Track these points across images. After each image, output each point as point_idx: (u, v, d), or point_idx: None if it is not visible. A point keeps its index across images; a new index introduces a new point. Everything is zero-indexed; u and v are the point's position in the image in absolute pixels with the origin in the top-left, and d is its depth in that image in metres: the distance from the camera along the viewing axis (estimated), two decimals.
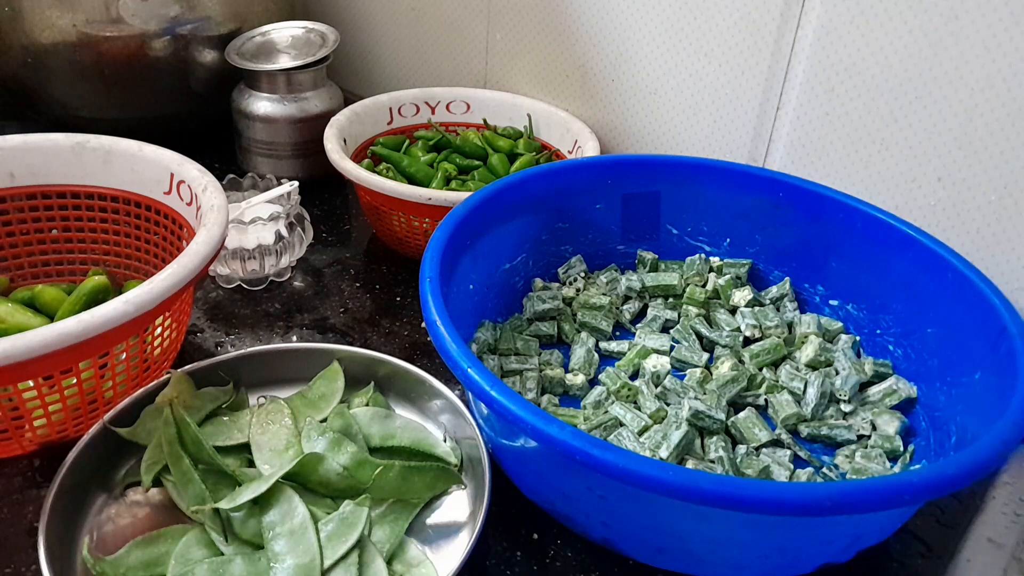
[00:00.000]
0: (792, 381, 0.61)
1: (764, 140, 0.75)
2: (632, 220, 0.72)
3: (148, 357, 0.57)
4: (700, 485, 0.39)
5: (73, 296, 0.62)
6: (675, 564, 0.48)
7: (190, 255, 0.53)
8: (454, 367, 0.47)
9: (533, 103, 0.88)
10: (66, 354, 0.47)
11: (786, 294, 0.68)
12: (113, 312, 0.48)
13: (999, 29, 0.59)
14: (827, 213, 0.65)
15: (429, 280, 0.52)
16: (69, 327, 0.46)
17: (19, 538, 0.50)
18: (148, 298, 0.49)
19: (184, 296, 0.58)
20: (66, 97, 0.87)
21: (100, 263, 0.69)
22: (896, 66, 0.64)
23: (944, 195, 0.65)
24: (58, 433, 0.54)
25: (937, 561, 0.51)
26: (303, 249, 0.74)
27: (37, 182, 0.66)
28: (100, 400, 0.54)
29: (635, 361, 0.63)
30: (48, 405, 0.52)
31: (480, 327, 0.64)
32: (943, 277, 0.58)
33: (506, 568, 0.50)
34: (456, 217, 0.59)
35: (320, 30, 0.90)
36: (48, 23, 0.82)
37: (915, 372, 0.60)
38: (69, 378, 0.51)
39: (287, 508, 0.48)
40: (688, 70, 0.77)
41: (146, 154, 0.65)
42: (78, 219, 0.68)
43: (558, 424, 0.42)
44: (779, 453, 0.56)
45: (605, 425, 0.57)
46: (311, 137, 0.87)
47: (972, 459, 0.42)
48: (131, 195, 0.66)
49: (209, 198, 0.60)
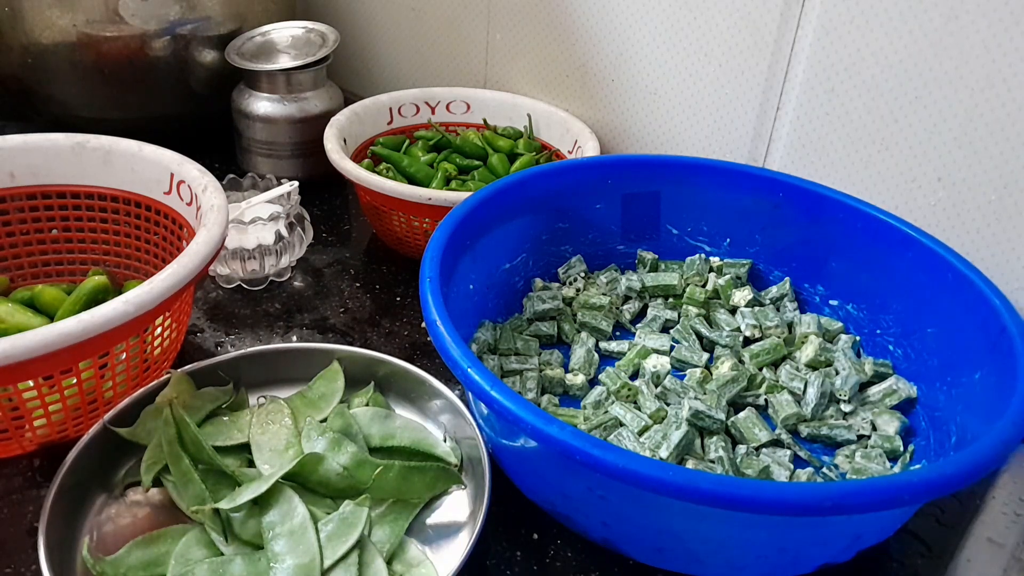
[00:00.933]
0: (792, 381, 0.61)
1: (764, 140, 0.75)
2: (632, 220, 0.72)
3: (148, 357, 0.57)
4: (700, 485, 0.39)
5: (73, 296, 0.62)
6: (675, 564, 0.48)
7: (190, 255, 0.53)
8: (454, 367, 0.47)
9: (533, 103, 0.88)
10: (66, 354, 0.47)
11: (786, 294, 0.68)
12: (113, 312, 0.48)
13: (999, 29, 0.59)
14: (827, 213, 0.65)
15: (429, 280, 0.52)
16: (69, 327, 0.46)
17: (19, 538, 0.50)
18: (148, 298, 0.49)
19: (184, 296, 0.58)
20: (66, 97, 0.87)
21: (100, 263, 0.69)
22: (896, 66, 0.64)
23: (944, 195, 0.65)
24: (58, 433, 0.54)
25: (937, 561, 0.51)
26: (303, 249, 0.74)
27: (37, 182, 0.65)
28: (100, 400, 0.54)
29: (635, 361, 0.63)
30: (48, 405, 0.52)
31: (480, 327, 0.64)
32: (943, 277, 0.58)
33: (506, 568, 0.50)
34: (456, 217, 0.59)
35: (320, 30, 0.90)
36: (48, 23, 0.82)
37: (915, 372, 0.60)
38: (69, 378, 0.51)
39: (287, 508, 0.48)
40: (688, 70, 0.77)
41: (146, 154, 0.65)
42: (78, 219, 0.68)
43: (558, 424, 0.42)
44: (779, 453, 0.56)
45: (605, 425, 0.57)
46: (311, 137, 0.87)
47: (972, 459, 0.42)
48: (131, 195, 0.66)
49: (209, 198, 0.59)
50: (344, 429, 0.54)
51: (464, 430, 0.54)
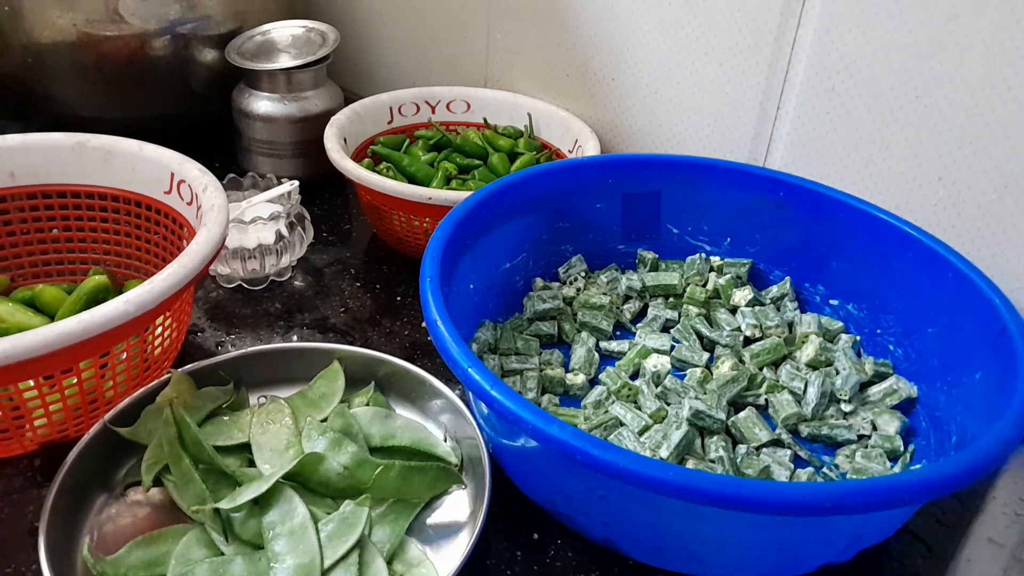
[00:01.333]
0: (792, 381, 0.61)
1: (764, 140, 0.75)
2: (632, 220, 0.72)
3: (148, 357, 0.57)
4: (701, 485, 0.39)
5: (73, 296, 0.62)
6: (675, 564, 0.48)
7: (190, 255, 0.53)
8: (454, 367, 0.47)
9: (533, 102, 0.88)
10: (66, 354, 0.47)
11: (786, 294, 0.68)
12: (114, 312, 0.48)
13: (999, 29, 0.58)
14: (828, 213, 0.65)
15: (429, 280, 0.52)
16: (70, 327, 0.46)
17: (20, 538, 0.50)
18: (149, 298, 0.49)
19: (185, 296, 0.58)
20: (66, 96, 0.87)
21: (101, 263, 0.69)
22: (896, 66, 0.64)
23: (944, 195, 0.65)
24: (59, 433, 0.54)
25: (937, 561, 0.51)
26: (303, 249, 0.74)
27: (38, 181, 0.65)
28: (101, 400, 0.54)
29: (635, 361, 0.63)
30: (49, 405, 0.52)
31: (480, 327, 0.64)
32: (943, 277, 0.58)
33: (506, 568, 0.50)
34: (456, 217, 0.59)
35: (320, 29, 0.90)
36: (48, 23, 0.82)
37: (915, 372, 0.60)
38: (70, 378, 0.51)
39: (287, 508, 0.48)
40: (688, 70, 0.77)
41: (146, 154, 0.65)
42: (79, 219, 0.68)
43: (559, 424, 0.42)
44: (779, 453, 0.56)
45: (605, 425, 0.57)
46: (311, 136, 0.86)
47: (973, 459, 0.42)
48: (131, 195, 0.66)
49: (209, 198, 0.59)
50: (344, 429, 0.54)
51: (464, 430, 0.54)
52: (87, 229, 0.68)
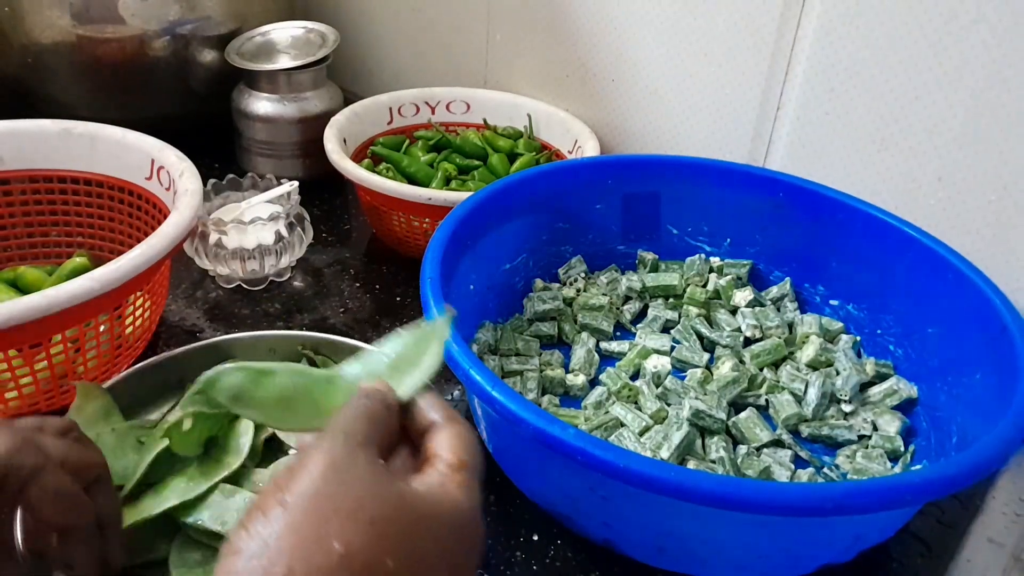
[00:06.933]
0: (793, 381, 0.61)
1: (764, 140, 0.75)
2: (632, 220, 0.72)
3: (120, 335, 0.58)
4: (701, 485, 0.39)
5: (53, 277, 0.64)
6: (676, 564, 0.48)
7: (159, 236, 0.54)
8: (455, 367, 0.47)
9: (533, 103, 0.88)
10: (34, 327, 0.49)
11: (787, 294, 0.68)
12: (79, 288, 0.49)
13: (999, 29, 0.59)
14: (828, 213, 0.65)
15: (430, 280, 0.52)
16: (35, 301, 0.48)
17: None
18: (114, 276, 0.51)
19: (157, 278, 0.59)
20: (66, 97, 0.87)
21: (85, 246, 0.70)
22: (896, 66, 0.64)
23: (944, 195, 0.65)
24: (30, 407, 0.55)
25: (937, 561, 0.51)
26: (303, 249, 0.74)
27: (24, 166, 0.67)
28: (71, 376, 0.56)
29: (636, 361, 0.63)
30: (19, 379, 0.53)
31: (481, 328, 0.64)
32: (943, 277, 0.58)
33: (506, 568, 0.50)
34: (456, 217, 0.59)
35: (320, 30, 0.90)
36: (48, 23, 0.82)
37: (916, 372, 0.60)
38: (39, 352, 0.53)
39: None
40: (688, 70, 0.77)
41: (129, 140, 0.66)
42: (64, 203, 0.69)
43: (560, 424, 0.42)
44: (780, 453, 0.56)
45: (606, 425, 0.57)
46: (311, 137, 0.86)
47: (973, 459, 0.42)
48: (115, 180, 0.68)
49: (185, 183, 0.61)
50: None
51: None
52: (72, 213, 0.70)
